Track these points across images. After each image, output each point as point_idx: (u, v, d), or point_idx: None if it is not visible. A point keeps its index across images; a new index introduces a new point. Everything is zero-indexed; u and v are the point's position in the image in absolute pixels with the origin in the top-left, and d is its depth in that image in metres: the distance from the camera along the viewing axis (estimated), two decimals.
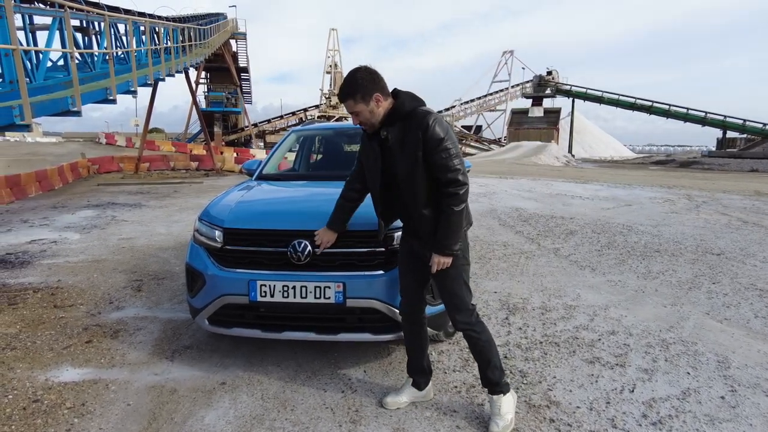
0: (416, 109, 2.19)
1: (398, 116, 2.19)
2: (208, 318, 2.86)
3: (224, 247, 2.82)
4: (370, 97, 2.16)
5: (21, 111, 5.25)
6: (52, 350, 3.20)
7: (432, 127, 2.12)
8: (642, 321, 3.72)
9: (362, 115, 2.20)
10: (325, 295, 2.61)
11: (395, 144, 2.20)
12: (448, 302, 2.36)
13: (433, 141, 2.12)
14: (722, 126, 40.86)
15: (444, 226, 2.18)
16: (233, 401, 2.61)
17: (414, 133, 2.13)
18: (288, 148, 4.50)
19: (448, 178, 2.14)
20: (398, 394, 2.57)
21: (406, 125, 2.17)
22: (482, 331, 2.35)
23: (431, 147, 2.12)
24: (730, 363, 3.02)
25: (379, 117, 2.20)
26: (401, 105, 2.20)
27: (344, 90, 2.18)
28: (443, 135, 2.13)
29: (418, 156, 2.14)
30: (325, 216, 2.91)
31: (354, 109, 2.18)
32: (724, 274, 5.04)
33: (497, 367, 2.37)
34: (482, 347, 2.34)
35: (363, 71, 2.18)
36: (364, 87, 2.15)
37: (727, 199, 11.41)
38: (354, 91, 2.16)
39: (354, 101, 2.17)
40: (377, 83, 2.18)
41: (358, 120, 2.22)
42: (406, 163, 2.18)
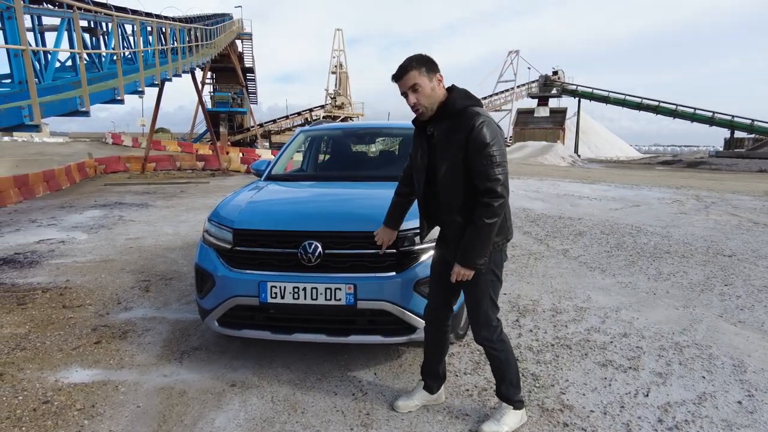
0: (467, 108, 2.06)
1: (448, 113, 2.08)
2: (217, 319, 2.84)
3: (234, 248, 2.81)
4: (434, 74, 2.07)
5: (30, 111, 5.26)
6: (62, 351, 3.20)
7: (478, 129, 1.99)
8: (654, 323, 3.68)
9: (422, 91, 2.05)
10: (335, 297, 2.59)
11: (440, 142, 2.10)
12: (471, 315, 2.29)
13: (476, 144, 1.99)
14: (730, 126, 40.53)
15: (471, 237, 2.05)
16: (243, 403, 2.59)
17: (460, 133, 2.02)
18: (296, 149, 4.49)
19: (486, 187, 2.01)
20: (410, 397, 2.54)
21: (454, 123, 2.06)
22: (503, 350, 2.28)
23: (474, 150, 2.00)
24: (746, 367, 2.97)
25: (435, 101, 2.08)
26: (453, 101, 2.08)
27: (412, 59, 2.05)
28: (489, 140, 1.99)
29: (460, 158, 2.03)
30: (335, 217, 2.90)
31: (417, 80, 2.03)
32: (736, 275, 4.97)
33: (513, 384, 2.32)
34: (500, 364, 2.30)
35: (425, 54, 2.09)
36: (429, 62, 2.06)
37: (737, 199, 11.30)
38: (419, 63, 2.04)
39: (419, 72, 2.03)
40: (438, 67, 2.09)
41: (414, 98, 2.06)
42: (447, 164, 2.08)
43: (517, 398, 2.34)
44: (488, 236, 2.04)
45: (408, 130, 4.72)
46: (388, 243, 2.56)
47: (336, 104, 47.30)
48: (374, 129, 4.80)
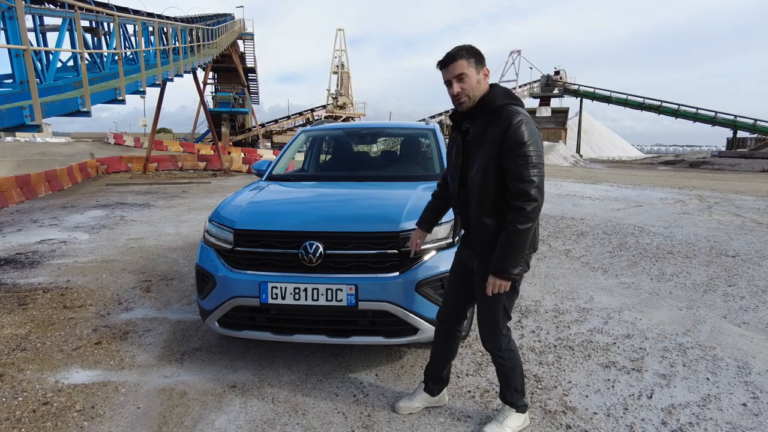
0: (506, 106, 1.99)
1: (486, 109, 2.01)
2: (218, 320, 2.83)
3: (235, 249, 2.79)
4: (482, 67, 2.01)
5: (31, 111, 5.26)
6: (62, 351, 3.18)
7: (516, 127, 1.91)
8: (657, 324, 3.65)
9: (468, 82, 1.99)
10: (336, 298, 2.57)
11: (474, 138, 2.04)
12: (482, 322, 2.23)
13: (512, 142, 1.91)
14: (732, 126, 40.40)
15: (504, 245, 1.95)
16: (244, 405, 2.58)
17: (495, 130, 1.95)
18: (298, 149, 4.47)
19: (519, 189, 1.91)
20: (411, 399, 2.52)
21: (490, 120, 1.99)
22: (510, 358, 2.25)
23: (508, 149, 1.92)
24: (750, 368, 2.95)
25: (478, 94, 2.01)
26: (492, 98, 2.01)
27: (461, 48, 2.00)
28: (526, 139, 1.91)
29: (493, 156, 1.95)
30: (336, 217, 2.89)
31: (465, 70, 1.98)
32: (740, 276, 4.94)
33: (518, 390, 2.30)
34: (506, 372, 2.27)
35: (475, 46, 2.03)
36: (478, 54, 2.01)
37: (740, 199, 11.25)
38: (468, 53, 1.99)
39: (468, 62, 1.97)
40: (485, 61, 2.04)
41: (459, 87, 1.99)
42: (479, 162, 2.01)
43: (521, 403, 2.33)
44: (522, 243, 1.94)
45: (409, 130, 4.76)
46: (419, 245, 2.49)
47: (338, 104, 47.30)
48: (376, 129, 4.78)
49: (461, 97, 2.02)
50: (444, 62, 2.02)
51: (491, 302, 2.13)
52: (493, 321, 2.17)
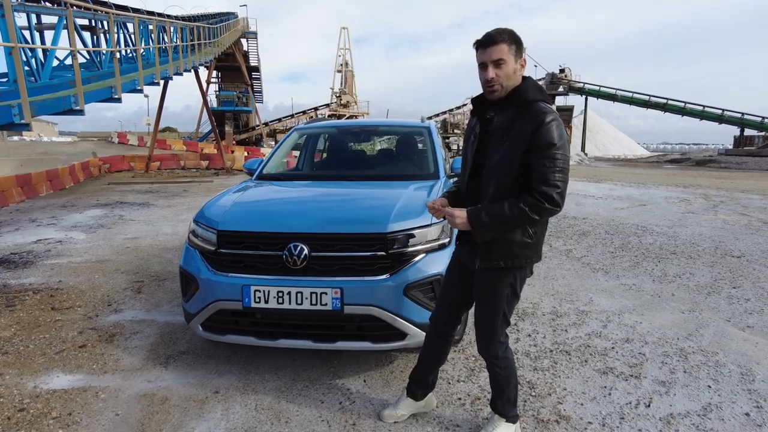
0: (538, 102, 1.87)
1: (515, 101, 1.88)
2: (201, 324, 2.76)
3: (218, 250, 2.71)
4: (520, 56, 1.88)
5: (20, 110, 5.20)
6: (45, 355, 3.11)
7: (548, 126, 1.79)
8: (658, 328, 3.54)
9: (505, 68, 1.85)
10: (321, 302, 2.48)
11: (498, 130, 1.90)
12: (479, 326, 2.13)
13: (543, 142, 1.79)
14: (740, 123, 39.92)
15: (501, 208, 1.84)
16: (226, 411, 2.50)
17: (524, 126, 1.82)
18: (290, 147, 4.38)
19: (542, 191, 1.80)
20: (395, 406, 2.41)
21: (519, 113, 1.86)
22: (505, 367, 2.14)
23: (537, 148, 1.80)
24: (754, 375, 2.83)
25: (512, 84, 1.88)
26: (524, 90, 1.88)
27: (504, 32, 1.86)
28: (556, 140, 1.80)
29: (520, 152, 1.82)
30: (322, 218, 2.79)
31: (503, 56, 1.83)
32: (745, 278, 4.81)
33: (510, 401, 2.21)
34: (500, 381, 2.18)
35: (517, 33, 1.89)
36: (520, 42, 1.87)
37: (746, 198, 11.06)
38: (511, 38, 1.85)
39: (508, 47, 1.84)
40: (524, 51, 1.91)
41: (494, 73, 1.85)
42: (500, 156, 1.88)
43: (512, 413, 2.23)
44: (513, 223, 1.85)
45: (403, 128, 4.65)
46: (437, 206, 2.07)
47: (341, 103, 47.22)
48: (370, 127, 4.68)
49: (494, 85, 1.87)
50: (484, 43, 1.86)
51: (492, 307, 2.04)
52: (491, 326, 2.07)
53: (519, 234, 1.91)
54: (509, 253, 1.93)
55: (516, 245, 1.92)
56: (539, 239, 1.96)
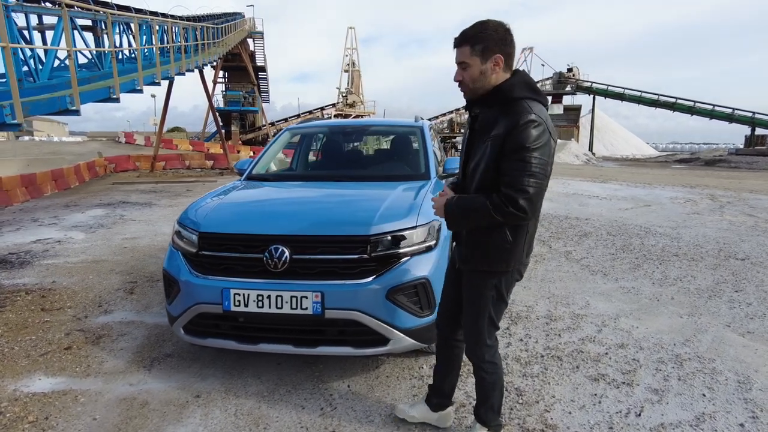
0: (522, 100, 1.75)
1: (499, 98, 1.78)
2: (183, 327, 2.72)
3: (199, 252, 2.67)
4: (490, 55, 1.76)
5: (12, 110, 5.20)
6: (29, 357, 3.09)
7: (523, 127, 1.68)
8: (655, 333, 3.45)
9: (470, 72, 1.78)
10: (301, 306, 2.43)
11: (481, 129, 1.83)
12: (466, 329, 2.07)
13: (514, 143, 1.69)
14: (751, 123, 39.38)
15: (469, 199, 1.81)
16: (205, 417, 2.45)
17: (502, 125, 1.73)
18: (281, 147, 4.33)
19: (507, 194, 1.70)
20: (412, 407, 2.36)
21: (503, 111, 1.76)
22: (492, 372, 2.06)
23: (509, 150, 1.70)
24: (751, 384, 2.73)
25: (482, 85, 1.80)
26: (509, 87, 1.77)
27: (465, 33, 1.78)
28: (530, 143, 1.68)
29: (494, 157, 1.74)
30: (304, 220, 2.73)
31: (465, 59, 1.78)
32: (748, 281, 4.69)
33: (493, 409, 2.13)
34: (486, 387, 2.10)
35: (496, 23, 1.77)
36: (489, 39, 1.75)
37: (755, 199, 10.86)
38: (475, 39, 1.76)
39: (471, 49, 1.76)
40: (505, 45, 1.77)
41: (461, 75, 1.82)
42: (480, 158, 1.81)
43: (495, 423, 2.15)
44: (477, 216, 1.77)
45: (395, 128, 4.58)
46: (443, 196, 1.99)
47: (347, 102, 47.22)
48: (361, 126, 4.61)
49: (461, 87, 1.85)
50: (454, 44, 1.83)
51: (477, 309, 1.98)
52: (477, 328, 2.00)
53: (497, 238, 1.83)
54: (487, 257, 1.88)
55: (494, 249, 1.85)
56: (518, 244, 1.85)
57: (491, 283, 1.93)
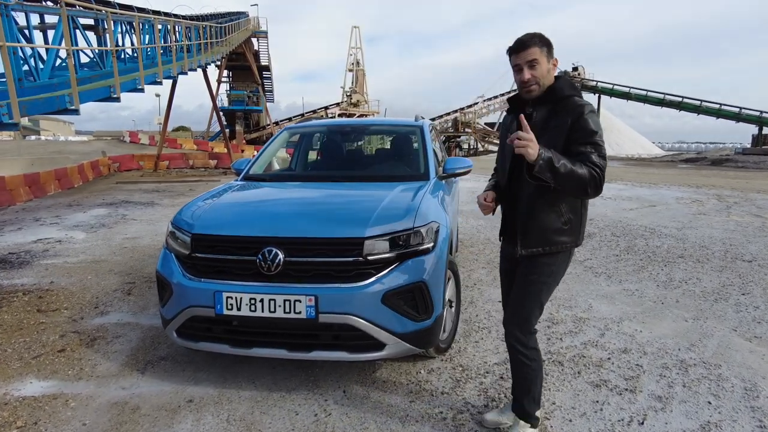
0: (573, 97, 1.99)
1: (552, 98, 2.00)
2: (176, 330, 2.67)
3: (192, 255, 2.62)
4: (551, 57, 1.99)
5: (9, 109, 5.17)
6: (21, 360, 3.05)
7: (588, 116, 1.91)
8: (659, 337, 3.37)
9: (539, 69, 1.96)
10: (295, 310, 2.37)
11: (537, 125, 1.97)
12: (513, 313, 2.13)
13: (585, 130, 1.90)
14: (758, 122, 38.99)
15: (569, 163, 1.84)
16: (196, 422, 2.40)
17: (563, 118, 1.94)
18: (279, 147, 4.28)
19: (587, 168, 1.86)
20: (501, 413, 2.34)
21: (556, 108, 1.98)
22: (535, 359, 2.11)
23: (578, 137, 1.90)
24: (759, 391, 2.65)
25: (546, 83, 1.99)
26: (560, 88, 2.00)
27: (535, 36, 1.98)
28: (596, 128, 1.91)
29: (559, 143, 1.91)
30: (299, 221, 2.67)
31: (535, 56, 1.95)
32: (755, 283, 4.60)
33: (535, 400, 2.16)
34: (528, 375, 2.12)
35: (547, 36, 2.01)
36: (550, 44, 1.99)
37: (762, 199, 10.71)
38: (541, 41, 1.97)
39: (540, 50, 1.96)
40: (554, 53, 2.03)
41: (529, 74, 1.96)
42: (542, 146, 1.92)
43: (536, 415, 2.19)
44: (571, 173, 1.82)
45: (395, 127, 4.52)
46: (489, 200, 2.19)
47: (351, 102, 47.15)
48: (362, 126, 4.55)
49: (531, 84, 1.99)
50: (515, 48, 1.99)
51: (529, 292, 2.08)
52: (527, 313, 2.08)
53: (555, 221, 2.00)
54: (546, 239, 2.01)
55: (552, 232, 2.01)
56: (574, 227, 2.03)
57: (552, 266, 2.05)
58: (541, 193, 1.97)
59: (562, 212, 2.00)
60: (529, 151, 1.81)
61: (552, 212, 1.99)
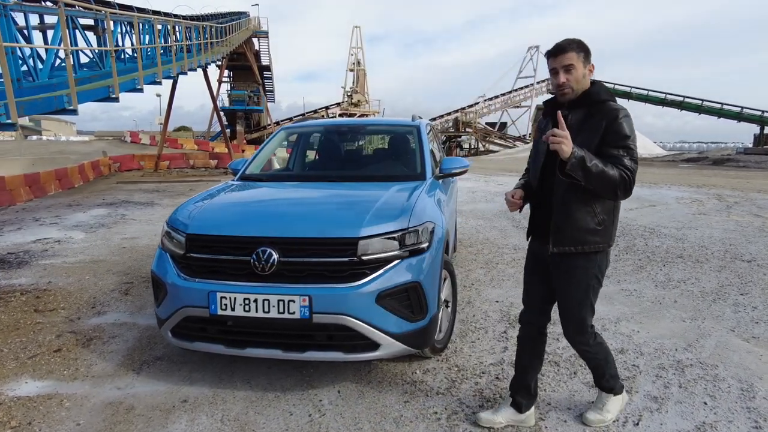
0: (608, 101, 2.06)
1: (587, 101, 2.07)
2: (170, 330, 2.67)
3: (187, 255, 2.62)
4: (587, 63, 2.07)
5: (6, 109, 5.17)
6: (17, 360, 3.05)
7: (622, 120, 1.98)
8: (656, 338, 3.36)
9: (575, 74, 2.03)
10: (289, 310, 2.37)
11: (573, 127, 2.02)
12: (566, 319, 2.21)
13: (618, 134, 1.97)
14: (759, 121, 38.91)
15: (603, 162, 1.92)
16: (191, 423, 2.40)
17: (598, 121, 2.01)
18: (276, 147, 4.27)
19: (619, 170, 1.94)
20: (495, 412, 2.37)
21: (592, 111, 2.05)
22: (599, 351, 2.26)
23: (612, 140, 1.97)
24: (755, 392, 2.64)
25: (582, 87, 2.07)
26: (596, 92, 2.08)
27: (572, 42, 2.05)
28: (630, 133, 1.99)
29: (594, 144, 1.99)
30: (293, 221, 2.67)
31: (572, 61, 2.02)
32: (754, 283, 4.58)
33: (612, 376, 2.33)
34: (598, 364, 2.29)
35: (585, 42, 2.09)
36: (587, 50, 2.07)
37: (762, 199, 10.68)
38: (579, 47, 2.04)
39: (577, 55, 2.03)
40: (591, 58, 2.11)
41: (565, 78, 2.03)
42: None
43: (618, 384, 2.35)
44: (602, 173, 1.90)
45: (392, 127, 4.50)
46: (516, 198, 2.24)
47: (352, 102, 47.14)
48: (359, 125, 4.54)
49: (566, 88, 2.05)
50: (554, 52, 2.07)
51: (578, 298, 2.13)
52: (580, 317, 2.17)
53: (589, 221, 2.04)
54: (580, 238, 2.05)
55: (587, 232, 2.05)
56: (608, 227, 2.08)
57: (590, 268, 2.10)
58: (575, 193, 2.02)
59: (595, 213, 2.04)
60: (563, 148, 1.87)
61: (585, 212, 2.04)
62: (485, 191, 11.92)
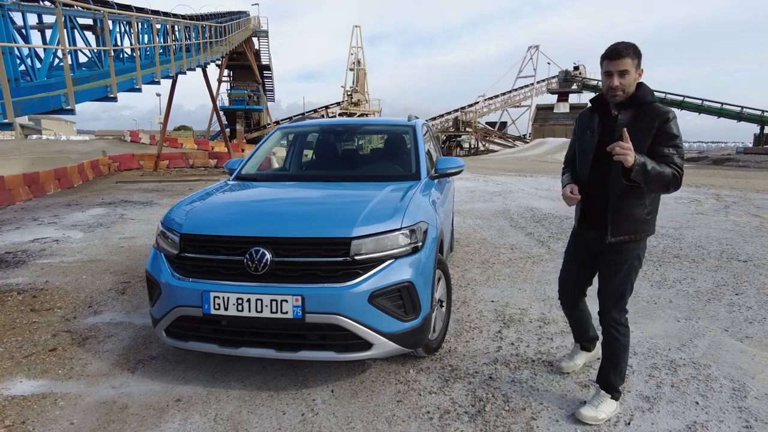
0: (655, 103, 2.22)
1: (636, 102, 2.22)
2: (165, 330, 2.68)
3: (181, 254, 2.63)
4: (640, 68, 2.22)
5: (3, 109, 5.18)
6: (12, 359, 3.07)
7: (671, 122, 2.16)
8: (650, 337, 3.37)
9: (628, 78, 2.18)
10: (282, 310, 2.38)
11: (622, 125, 2.19)
12: (608, 295, 2.41)
13: (667, 134, 2.15)
14: (759, 121, 38.90)
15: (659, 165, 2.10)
16: (184, 422, 2.41)
17: (649, 121, 2.17)
18: (272, 147, 4.28)
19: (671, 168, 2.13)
20: (571, 358, 2.86)
21: (641, 112, 2.21)
22: (624, 335, 2.40)
23: (663, 139, 2.15)
24: (747, 391, 2.65)
25: (632, 90, 2.22)
26: (644, 94, 2.23)
27: (630, 47, 2.18)
28: (678, 133, 2.17)
29: (645, 144, 2.15)
30: (287, 221, 2.68)
31: (627, 67, 2.17)
32: (749, 283, 4.59)
33: (621, 374, 2.41)
34: (616, 349, 2.39)
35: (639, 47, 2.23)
36: (641, 56, 2.20)
37: (761, 199, 10.69)
38: (635, 53, 2.18)
39: (632, 60, 2.17)
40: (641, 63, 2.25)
41: (618, 82, 2.18)
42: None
43: (619, 390, 2.43)
44: (662, 181, 2.11)
45: (387, 127, 4.51)
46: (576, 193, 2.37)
47: (352, 101, 47.16)
48: (355, 125, 4.55)
49: (617, 91, 2.19)
50: (612, 55, 2.19)
51: (621, 277, 2.36)
52: (621, 294, 2.39)
53: (641, 212, 2.26)
54: (634, 228, 2.28)
55: (639, 222, 2.28)
56: (654, 217, 2.33)
57: (635, 253, 2.33)
58: (630, 190, 2.20)
59: (646, 204, 2.26)
60: (628, 159, 2.03)
61: (638, 205, 2.25)
62: (484, 191, 11.93)
